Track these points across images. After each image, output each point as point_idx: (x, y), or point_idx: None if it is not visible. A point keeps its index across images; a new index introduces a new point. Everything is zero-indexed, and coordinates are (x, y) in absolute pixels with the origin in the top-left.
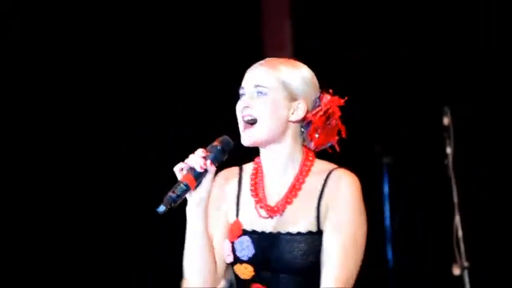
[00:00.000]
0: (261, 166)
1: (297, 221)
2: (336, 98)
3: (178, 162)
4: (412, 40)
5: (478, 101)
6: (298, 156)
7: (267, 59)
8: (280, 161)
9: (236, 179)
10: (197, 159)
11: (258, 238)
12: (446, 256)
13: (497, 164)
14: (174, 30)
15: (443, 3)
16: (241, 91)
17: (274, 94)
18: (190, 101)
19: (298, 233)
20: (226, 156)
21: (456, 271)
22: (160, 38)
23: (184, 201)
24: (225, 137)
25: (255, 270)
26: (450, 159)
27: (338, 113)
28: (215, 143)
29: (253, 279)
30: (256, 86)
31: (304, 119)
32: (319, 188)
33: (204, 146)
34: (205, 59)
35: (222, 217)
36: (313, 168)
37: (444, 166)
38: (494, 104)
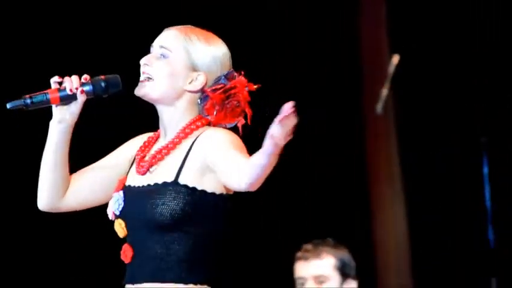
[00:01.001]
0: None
1: (161, 175)
2: (243, 80)
3: None
4: None
5: None
6: (185, 122)
7: (187, 26)
8: (168, 124)
9: (143, 140)
10: (74, 81)
11: (129, 192)
12: None
13: None
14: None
15: None
16: (151, 47)
17: (175, 59)
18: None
19: (156, 184)
20: (105, 95)
21: None
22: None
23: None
24: (116, 77)
25: (126, 227)
26: None
27: (243, 96)
28: (102, 77)
29: (128, 238)
30: (161, 47)
31: (202, 92)
32: (190, 143)
33: None
34: (306, 67)
35: (112, 160)
36: (195, 132)
37: None
38: None
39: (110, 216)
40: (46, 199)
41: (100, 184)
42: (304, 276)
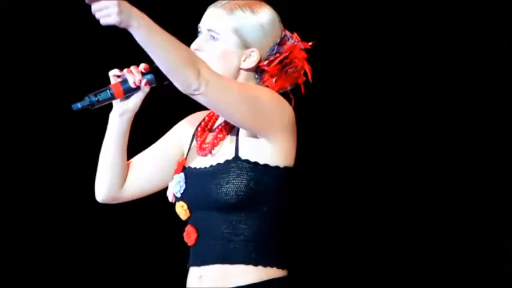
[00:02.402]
0: None
1: (222, 154)
2: (297, 45)
3: None
4: None
5: None
6: None
7: None
8: None
9: (200, 120)
10: (135, 72)
11: (190, 174)
12: None
13: None
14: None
15: None
16: (198, 29)
17: (226, 41)
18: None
19: (217, 164)
20: (167, 82)
21: None
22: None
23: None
24: None
25: (189, 209)
26: None
27: (299, 60)
28: None
29: (191, 220)
30: (209, 30)
31: (258, 67)
32: None
33: None
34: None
35: (167, 144)
36: None
37: None
38: None
39: (170, 199)
40: (106, 190)
41: (157, 170)
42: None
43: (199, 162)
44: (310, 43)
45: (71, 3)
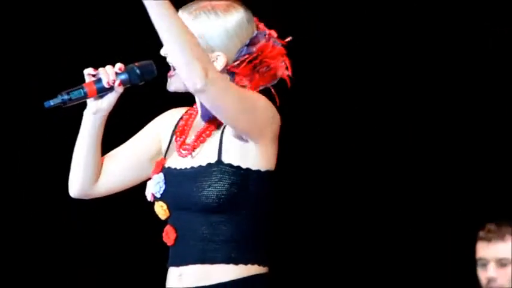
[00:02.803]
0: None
1: (205, 156)
2: (268, 43)
3: None
4: None
5: None
6: None
7: (194, 2)
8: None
9: (177, 118)
10: (109, 73)
11: (170, 174)
12: None
13: None
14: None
15: None
16: None
17: None
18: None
19: (199, 166)
20: (142, 83)
21: None
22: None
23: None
24: (150, 63)
25: (168, 209)
26: None
27: (271, 58)
28: (136, 64)
29: (170, 220)
30: None
31: (227, 69)
32: None
33: None
34: None
35: (142, 140)
36: None
37: None
38: None
39: (149, 198)
40: (79, 185)
41: (131, 167)
42: (486, 258)
43: (179, 162)
44: (286, 39)
45: (70, 3)
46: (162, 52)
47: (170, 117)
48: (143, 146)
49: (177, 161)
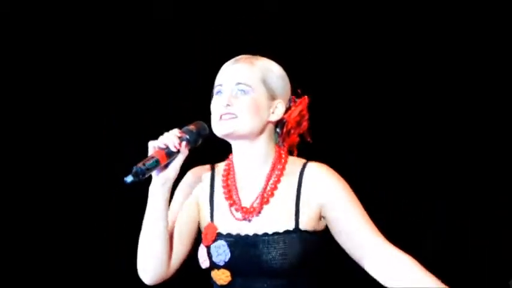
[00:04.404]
0: (233, 165)
1: (274, 221)
2: (304, 98)
3: None
4: None
5: None
6: (271, 155)
7: (247, 56)
8: (253, 160)
9: (208, 179)
10: (172, 137)
11: (234, 241)
12: None
13: None
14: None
15: None
16: (218, 88)
17: (256, 93)
18: None
19: (276, 233)
20: (200, 142)
21: None
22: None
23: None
24: (201, 123)
25: (231, 276)
26: None
27: (308, 113)
28: (191, 126)
29: (230, 285)
30: (238, 83)
31: (281, 119)
32: (296, 185)
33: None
34: None
35: (186, 212)
36: (287, 166)
37: None
38: None
39: (204, 266)
40: (153, 271)
41: (190, 243)
42: None
43: (240, 227)
44: (307, 98)
45: (70, 3)
46: (222, 104)
47: (198, 180)
48: (192, 217)
49: (236, 226)
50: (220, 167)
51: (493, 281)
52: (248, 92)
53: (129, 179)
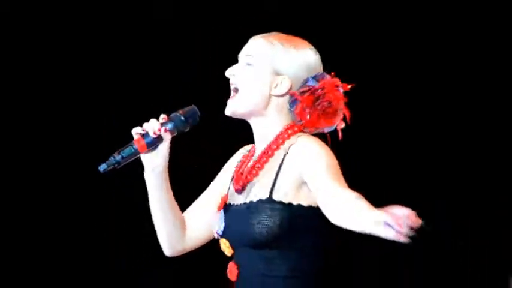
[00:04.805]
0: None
1: (255, 192)
2: (333, 80)
3: None
4: None
5: None
6: (277, 131)
7: (274, 33)
8: (261, 136)
9: (241, 156)
10: (153, 124)
11: (227, 211)
12: None
13: None
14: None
15: None
16: (239, 58)
17: (259, 66)
18: None
19: (251, 202)
20: (188, 127)
21: None
22: None
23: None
24: (193, 108)
25: (232, 246)
26: None
27: (334, 96)
28: (179, 112)
29: (234, 257)
30: (246, 55)
31: (291, 96)
32: (281, 156)
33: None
34: None
35: (217, 186)
36: (286, 142)
37: None
38: None
39: (216, 236)
40: (169, 247)
41: (210, 221)
42: None
43: (236, 198)
44: (349, 86)
45: (70, 3)
46: (227, 73)
47: (238, 156)
48: (219, 192)
49: (234, 197)
50: None
51: (493, 281)
52: (251, 64)
53: (102, 167)
